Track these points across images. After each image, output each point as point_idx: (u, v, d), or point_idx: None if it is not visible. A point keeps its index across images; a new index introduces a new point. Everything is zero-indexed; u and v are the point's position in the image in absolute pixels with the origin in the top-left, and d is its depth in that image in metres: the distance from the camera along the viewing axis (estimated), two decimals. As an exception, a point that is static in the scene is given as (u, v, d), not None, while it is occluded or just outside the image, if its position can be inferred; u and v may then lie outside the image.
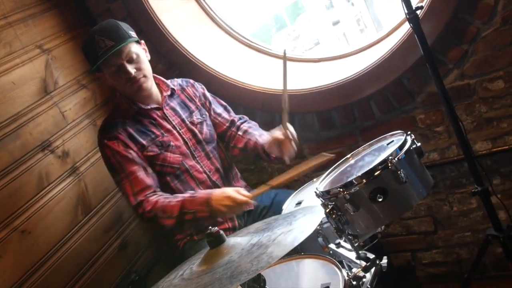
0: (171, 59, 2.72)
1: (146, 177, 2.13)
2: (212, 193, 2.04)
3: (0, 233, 2.12)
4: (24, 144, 2.31)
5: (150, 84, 2.21)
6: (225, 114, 2.45)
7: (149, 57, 2.23)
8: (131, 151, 2.15)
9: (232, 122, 2.44)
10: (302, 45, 11.05)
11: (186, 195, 2.10)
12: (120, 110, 2.24)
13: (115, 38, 2.08)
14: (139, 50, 2.17)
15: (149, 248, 2.80)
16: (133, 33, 2.17)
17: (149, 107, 2.25)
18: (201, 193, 2.09)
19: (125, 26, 2.16)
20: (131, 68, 2.11)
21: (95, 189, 2.56)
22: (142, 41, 2.24)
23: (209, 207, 2.01)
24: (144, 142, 2.18)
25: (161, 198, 2.09)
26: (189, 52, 2.71)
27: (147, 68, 2.18)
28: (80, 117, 2.61)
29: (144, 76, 2.16)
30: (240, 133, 2.40)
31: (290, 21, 12.14)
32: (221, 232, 1.34)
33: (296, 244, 1.20)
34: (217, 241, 1.34)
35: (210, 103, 2.44)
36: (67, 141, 2.51)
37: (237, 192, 2.01)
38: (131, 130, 2.19)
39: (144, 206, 2.08)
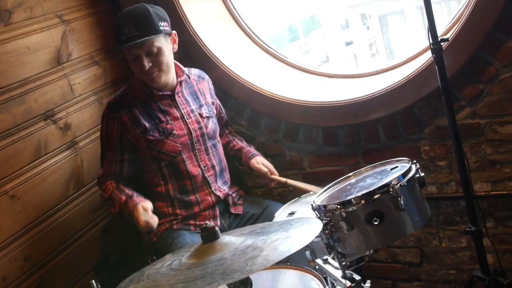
0: (187, 50, 2.71)
1: (117, 168, 2.27)
2: (137, 205, 2.14)
3: (-11, 194, 2.10)
4: (28, 110, 2.28)
5: (165, 77, 2.22)
6: (223, 114, 2.58)
7: (175, 49, 2.25)
8: (120, 139, 2.24)
9: (226, 122, 2.61)
10: (311, 60, 11.08)
11: (123, 197, 2.21)
12: (133, 89, 2.29)
13: (140, 28, 2.08)
14: (163, 44, 2.16)
15: (131, 233, 2.77)
16: (163, 24, 2.14)
17: (161, 93, 2.26)
18: (134, 200, 2.18)
19: (156, 14, 2.13)
20: (146, 62, 2.13)
21: (90, 167, 2.54)
22: (174, 32, 2.24)
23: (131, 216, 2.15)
24: (147, 125, 2.22)
25: (116, 190, 2.24)
26: (206, 46, 2.71)
27: (166, 61, 2.18)
28: (87, 93, 2.59)
29: (159, 70, 2.18)
30: (226, 130, 2.61)
31: (304, 34, 12.18)
32: (217, 228, 1.33)
33: (293, 251, 1.19)
34: (211, 237, 1.32)
35: (219, 105, 2.55)
36: (71, 114, 2.49)
37: (145, 210, 2.11)
38: (137, 112, 2.23)
39: (102, 188, 2.30)
